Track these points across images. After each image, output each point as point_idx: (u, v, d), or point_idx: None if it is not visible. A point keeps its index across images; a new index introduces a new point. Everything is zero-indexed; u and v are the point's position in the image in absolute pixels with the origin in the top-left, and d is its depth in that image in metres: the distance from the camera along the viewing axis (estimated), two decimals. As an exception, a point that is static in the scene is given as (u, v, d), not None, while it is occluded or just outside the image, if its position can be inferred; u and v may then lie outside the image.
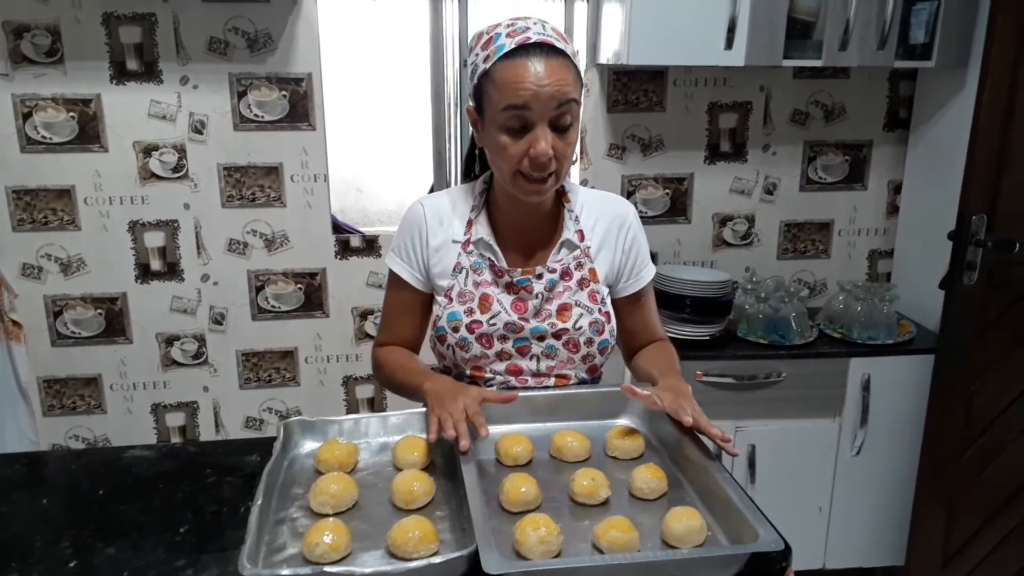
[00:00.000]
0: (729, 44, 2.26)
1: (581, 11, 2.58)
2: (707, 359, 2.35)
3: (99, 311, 2.58)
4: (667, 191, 2.72)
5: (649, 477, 1.15)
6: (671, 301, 2.36)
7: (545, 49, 1.28)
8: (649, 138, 2.66)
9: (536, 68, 1.26)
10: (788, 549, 0.97)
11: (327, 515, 1.10)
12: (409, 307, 1.51)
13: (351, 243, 2.65)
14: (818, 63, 2.34)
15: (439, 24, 2.58)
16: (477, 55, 1.34)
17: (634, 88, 2.61)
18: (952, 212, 2.23)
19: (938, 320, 2.37)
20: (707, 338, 2.39)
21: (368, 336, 2.73)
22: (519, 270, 1.42)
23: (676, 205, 2.74)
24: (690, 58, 2.33)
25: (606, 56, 2.46)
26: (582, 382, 1.48)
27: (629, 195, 2.69)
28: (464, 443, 1.16)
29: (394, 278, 1.50)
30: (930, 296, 2.45)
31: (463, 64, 2.63)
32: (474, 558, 0.95)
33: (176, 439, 2.73)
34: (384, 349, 1.53)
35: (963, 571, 2.49)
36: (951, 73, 2.45)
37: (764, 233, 2.80)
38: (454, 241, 1.45)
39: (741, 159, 2.72)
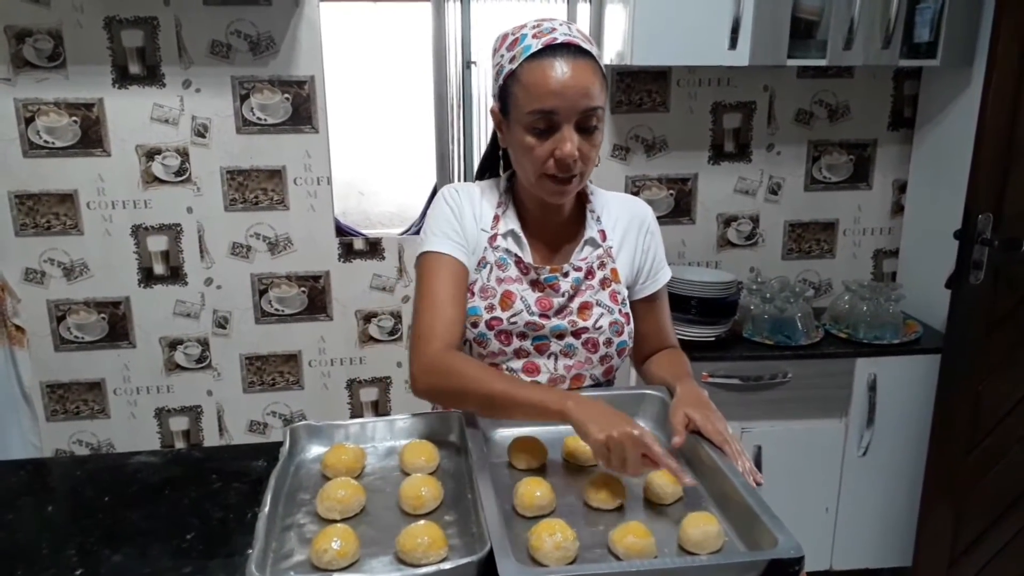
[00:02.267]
0: (733, 44, 2.25)
1: (584, 12, 2.57)
2: (713, 360, 2.34)
3: (102, 315, 2.58)
4: (671, 192, 2.71)
5: (665, 482, 1.14)
6: (676, 302, 2.34)
7: (572, 50, 1.27)
8: (653, 139, 2.65)
9: (563, 69, 1.25)
10: (802, 556, 0.95)
11: (335, 521, 1.09)
12: (460, 284, 1.36)
13: (354, 246, 2.65)
14: (822, 62, 2.33)
15: (442, 26, 2.58)
16: (502, 56, 1.33)
17: (637, 89, 2.60)
18: (958, 211, 2.22)
19: (944, 319, 2.36)
20: (712, 339, 2.38)
21: (372, 339, 2.72)
22: (547, 267, 1.41)
23: (680, 206, 2.73)
24: (694, 58, 2.32)
25: (609, 57, 2.45)
26: (596, 384, 1.47)
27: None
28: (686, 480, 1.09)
29: (435, 260, 1.36)
30: (936, 295, 2.44)
31: (466, 66, 2.63)
32: (484, 564, 0.94)
33: (180, 443, 2.72)
34: (453, 353, 1.31)
35: (971, 572, 2.48)
36: (956, 71, 2.44)
37: (769, 233, 2.79)
38: (482, 229, 1.41)
39: (745, 159, 2.71)
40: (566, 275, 1.41)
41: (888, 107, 2.70)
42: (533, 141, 1.29)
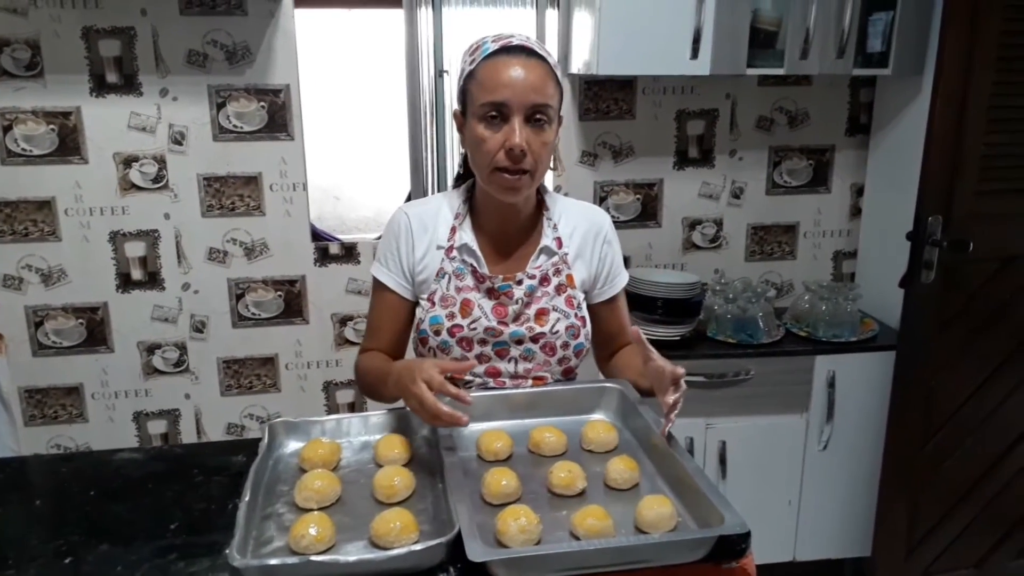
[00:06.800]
0: (695, 54, 2.33)
1: (552, 22, 2.63)
2: (678, 359, 2.33)
3: (80, 321, 2.60)
4: (638, 196, 2.79)
5: (622, 468, 1.22)
6: (643, 303, 2.42)
7: (526, 52, 1.38)
8: (620, 145, 2.73)
9: (515, 65, 1.36)
10: (747, 532, 1.03)
11: (312, 510, 1.14)
12: (394, 313, 1.54)
13: (330, 250, 2.69)
14: (780, 71, 2.42)
15: (414, 34, 2.64)
16: (464, 61, 1.44)
17: (604, 97, 2.68)
18: (911, 213, 2.30)
19: (899, 318, 2.44)
20: (678, 338, 2.45)
21: (348, 342, 2.77)
22: (500, 276, 1.48)
23: (647, 210, 2.81)
24: (658, 68, 2.40)
25: (577, 66, 2.53)
26: (556, 382, 1.54)
27: (601, 201, 2.76)
28: (464, 420, 1.23)
29: (379, 285, 1.54)
30: (891, 295, 2.53)
31: (438, 74, 2.69)
32: (452, 546, 1.01)
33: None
34: (366, 355, 1.55)
35: (926, 560, 2.57)
36: (907, 80, 2.54)
37: (732, 236, 2.87)
38: (438, 247, 1.50)
39: (709, 165, 2.79)
40: (520, 283, 1.48)
41: (845, 114, 2.80)
42: (486, 132, 1.37)
